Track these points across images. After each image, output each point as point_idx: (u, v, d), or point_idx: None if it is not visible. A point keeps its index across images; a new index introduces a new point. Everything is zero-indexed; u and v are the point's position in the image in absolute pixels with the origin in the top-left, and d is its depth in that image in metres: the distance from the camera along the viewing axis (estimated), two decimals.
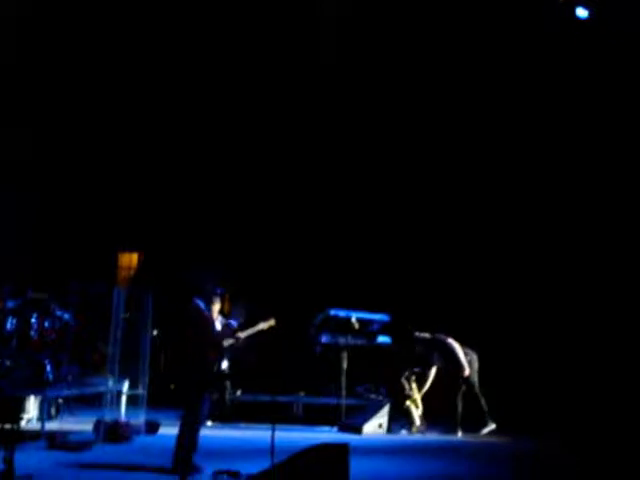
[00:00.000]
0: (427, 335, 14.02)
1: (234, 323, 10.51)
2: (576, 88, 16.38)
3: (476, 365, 13.95)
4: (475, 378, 13.86)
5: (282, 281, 17.87)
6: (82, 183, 17.72)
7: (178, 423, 9.65)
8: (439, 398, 14.10)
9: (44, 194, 17.26)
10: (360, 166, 18.07)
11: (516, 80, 16.73)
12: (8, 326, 12.53)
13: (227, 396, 14.13)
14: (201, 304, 9.72)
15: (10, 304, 12.58)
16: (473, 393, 13.73)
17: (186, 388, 9.63)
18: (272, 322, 11.62)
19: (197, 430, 9.53)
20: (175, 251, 18.36)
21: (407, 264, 17.30)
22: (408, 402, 13.94)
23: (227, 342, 12.57)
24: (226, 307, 19.13)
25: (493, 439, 13.27)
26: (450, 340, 13.92)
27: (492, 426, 13.58)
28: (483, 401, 13.67)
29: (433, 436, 13.51)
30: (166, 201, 18.94)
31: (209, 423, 13.05)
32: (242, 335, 12.81)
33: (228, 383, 14.15)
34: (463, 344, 13.99)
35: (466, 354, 13.90)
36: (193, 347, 9.50)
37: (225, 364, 14.17)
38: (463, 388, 13.80)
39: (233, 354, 13.75)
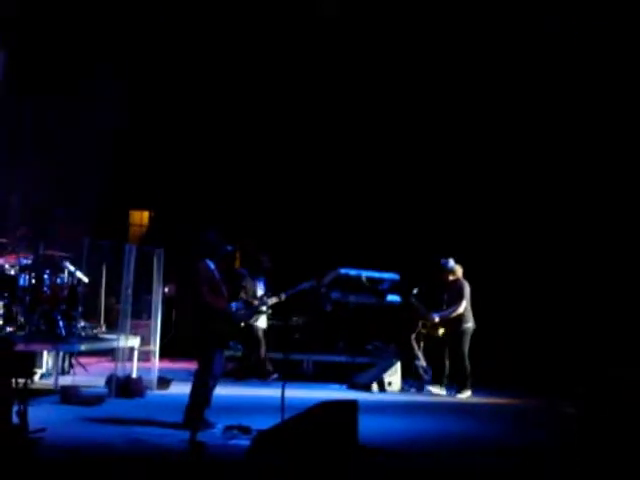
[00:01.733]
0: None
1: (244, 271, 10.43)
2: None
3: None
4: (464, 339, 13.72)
5: (292, 240, 17.93)
6: (94, 141, 17.72)
7: (190, 379, 9.75)
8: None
9: None
10: (370, 124, 18.03)
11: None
12: (21, 282, 12.63)
13: (263, 354, 14.14)
14: (210, 263, 9.74)
15: (23, 261, 12.66)
16: (460, 353, 13.58)
17: (197, 345, 9.71)
18: (314, 282, 11.85)
19: (209, 386, 9.62)
20: (186, 209, 18.41)
21: (416, 223, 17.30)
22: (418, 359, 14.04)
23: (271, 301, 12.65)
24: (237, 264, 19.27)
25: (502, 400, 13.32)
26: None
27: (468, 393, 13.36)
28: (467, 363, 13.58)
29: (442, 395, 13.58)
30: (177, 158, 18.97)
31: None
32: (283, 296, 12.97)
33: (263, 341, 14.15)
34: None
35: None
36: (201, 306, 9.54)
37: (264, 322, 14.27)
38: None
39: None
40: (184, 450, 8.02)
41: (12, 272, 12.62)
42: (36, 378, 12.18)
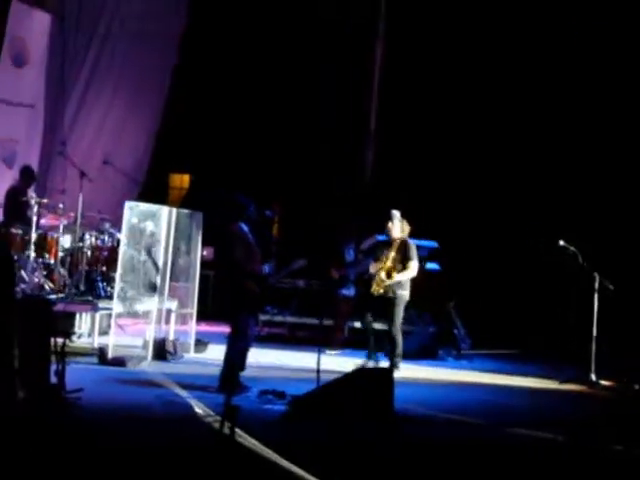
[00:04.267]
0: None
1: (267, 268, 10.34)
2: None
3: None
4: None
5: (331, 205, 17.86)
6: None
7: (226, 343, 9.79)
8: None
9: None
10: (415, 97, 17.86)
11: None
12: (62, 243, 12.73)
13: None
14: (244, 226, 9.71)
15: (64, 222, 12.76)
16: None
17: (230, 308, 9.73)
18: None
19: (244, 350, 9.65)
20: (225, 173, 18.39)
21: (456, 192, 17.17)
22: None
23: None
24: (275, 229, 19.27)
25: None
26: None
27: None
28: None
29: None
30: (219, 122, 18.95)
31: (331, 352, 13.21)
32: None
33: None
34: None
35: None
36: (234, 269, 9.55)
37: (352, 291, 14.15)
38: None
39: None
40: (219, 413, 8.05)
41: (53, 233, 12.72)
42: (75, 338, 12.28)
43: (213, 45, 18.58)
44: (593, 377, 11.61)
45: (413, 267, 11.58)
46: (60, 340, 8.12)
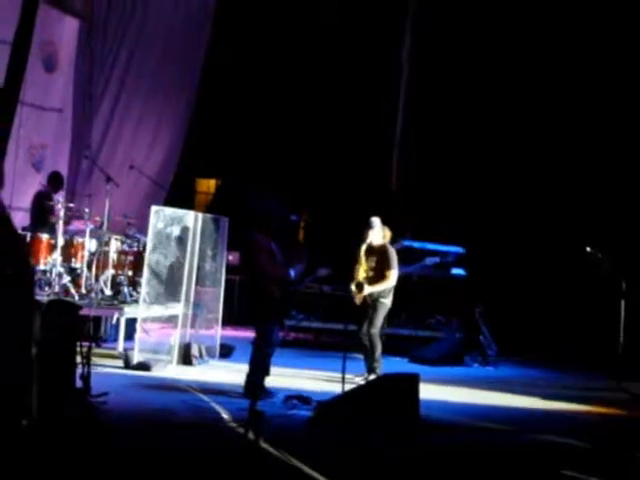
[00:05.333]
0: None
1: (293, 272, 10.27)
2: None
3: None
4: None
5: (358, 211, 17.81)
6: None
7: (251, 348, 9.78)
8: None
9: None
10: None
11: None
12: (89, 247, 12.78)
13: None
14: (265, 237, 9.69)
15: (91, 226, 12.80)
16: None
17: (255, 314, 9.73)
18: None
19: (269, 355, 9.64)
20: (252, 178, 18.43)
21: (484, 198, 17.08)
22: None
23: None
24: (301, 234, 19.28)
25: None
26: None
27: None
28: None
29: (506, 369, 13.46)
30: (245, 127, 18.99)
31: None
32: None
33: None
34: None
35: None
36: (258, 275, 9.55)
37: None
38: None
39: None
40: (244, 418, 8.04)
41: (80, 238, 12.77)
42: (100, 342, 12.32)
43: (240, 50, 18.61)
44: (621, 383, 11.52)
45: (391, 277, 11.18)
46: (85, 344, 8.13)
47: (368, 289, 11.11)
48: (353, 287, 11.26)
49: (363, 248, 11.26)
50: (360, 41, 18.11)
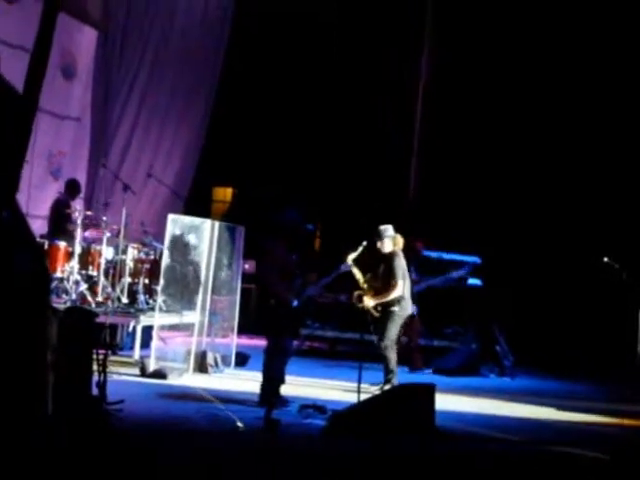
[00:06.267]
0: None
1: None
2: None
3: None
4: None
5: (373, 220, 17.80)
6: None
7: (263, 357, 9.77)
8: None
9: None
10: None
11: None
12: (105, 255, 12.81)
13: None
14: (278, 245, 9.69)
15: (108, 234, 12.83)
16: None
17: (266, 323, 9.74)
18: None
19: (282, 364, 9.63)
20: (268, 187, 18.45)
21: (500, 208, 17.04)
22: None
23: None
24: (317, 243, 19.28)
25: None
26: None
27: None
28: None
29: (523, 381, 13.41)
30: (262, 135, 19.02)
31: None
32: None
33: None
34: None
35: None
36: (268, 285, 9.56)
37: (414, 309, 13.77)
38: None
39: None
40: (259, 427, 8.04)
41: (97, 245, 12.81)
42: (116, 350, 12.34)
43: (256, 59, 18.65)
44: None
45: (395, 287, 11.00)
46: (102, 352, 8.14)
47: (370, 301, 11.13)
48: (354, 299, 11.29)
49: (352, 257, 11.25)
50: (379, 51, 18.11)
